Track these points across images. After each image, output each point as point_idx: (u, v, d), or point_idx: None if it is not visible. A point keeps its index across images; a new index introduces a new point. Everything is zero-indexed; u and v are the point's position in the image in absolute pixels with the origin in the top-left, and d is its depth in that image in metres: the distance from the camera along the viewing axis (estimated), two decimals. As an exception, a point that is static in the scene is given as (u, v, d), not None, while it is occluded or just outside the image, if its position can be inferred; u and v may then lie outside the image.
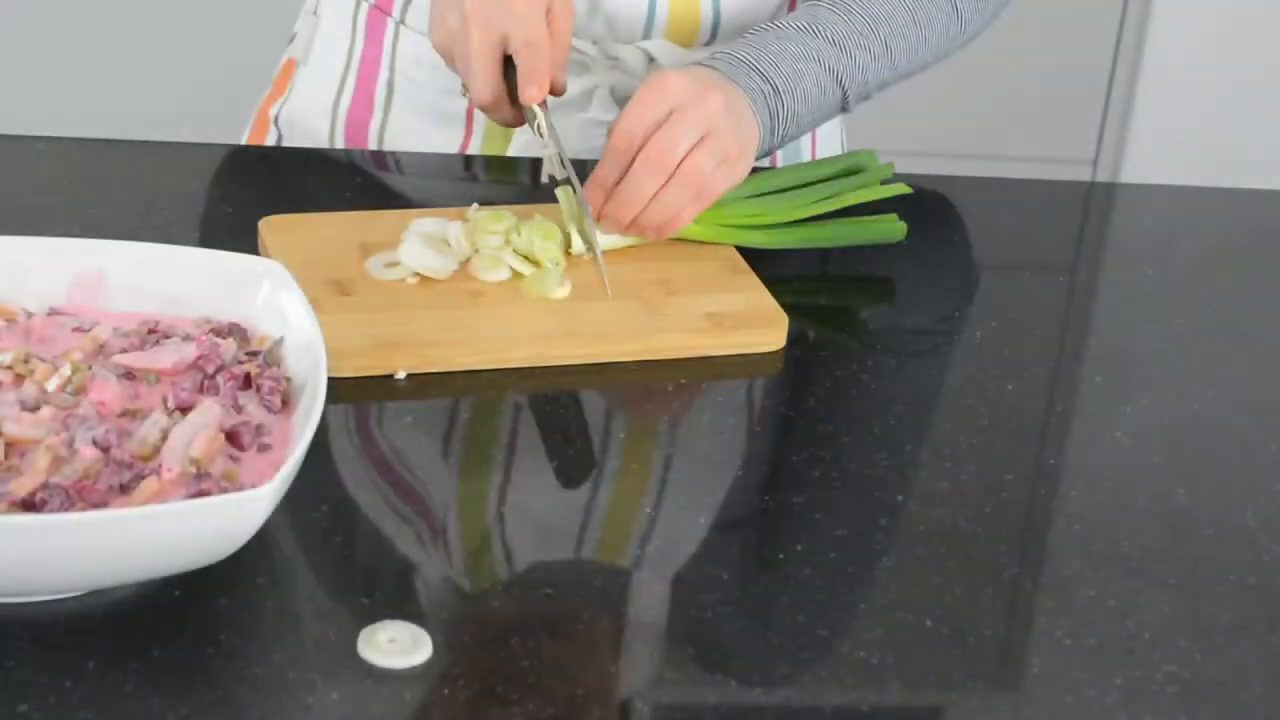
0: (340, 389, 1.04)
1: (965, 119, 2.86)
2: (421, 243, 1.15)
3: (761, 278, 1.19)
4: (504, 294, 1.15)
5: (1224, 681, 0.89)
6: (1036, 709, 0.87)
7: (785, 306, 1.16)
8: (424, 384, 1.07)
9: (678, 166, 1.16)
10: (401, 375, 1.07)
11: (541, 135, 1.19)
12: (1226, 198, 1.47)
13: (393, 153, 1.41)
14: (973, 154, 2.86)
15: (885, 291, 1.27)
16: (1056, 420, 1.12)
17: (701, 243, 1.21)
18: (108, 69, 2.74)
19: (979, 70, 2.73)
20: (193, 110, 2.46)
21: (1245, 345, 1.23)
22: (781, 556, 0.96)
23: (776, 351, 1.14)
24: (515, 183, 1.36)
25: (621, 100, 1.37)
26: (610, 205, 1.17)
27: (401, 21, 1.41)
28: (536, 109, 1.17)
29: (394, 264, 1.16)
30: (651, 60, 1.34)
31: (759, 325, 1.14)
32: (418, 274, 1.15)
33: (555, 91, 1.19)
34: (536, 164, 1.38)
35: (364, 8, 1.44)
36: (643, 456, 1.05)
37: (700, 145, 1.16)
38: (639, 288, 1.17)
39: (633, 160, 1.17)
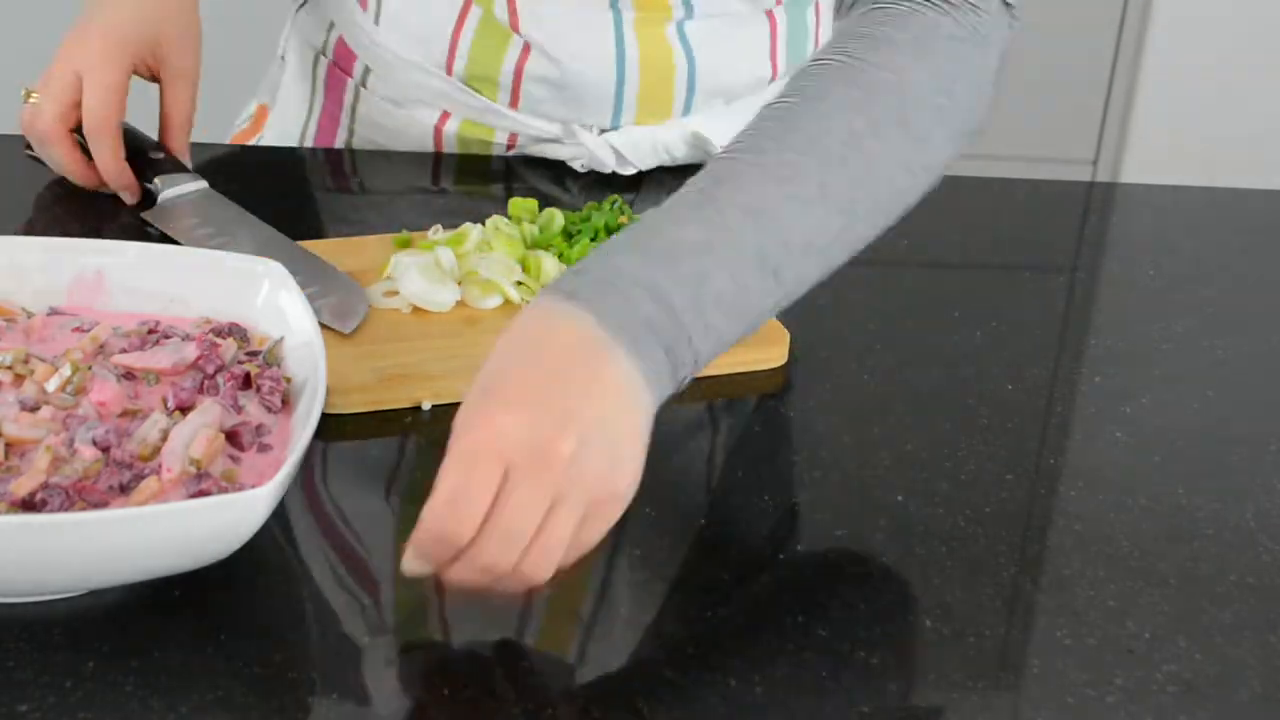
0: (343, 424, 1.03)
1: (965, 119, 2.85)
2: (419, 273, 1.13)
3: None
4: (501, 319, 1.13)
5: (1224, 681, 0.89)
6: (1036, 709, 0.87)
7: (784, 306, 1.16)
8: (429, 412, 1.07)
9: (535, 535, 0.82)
10: (427, 406, 1.05)
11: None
12: (1226, 198, 1.47)
13: (392, 153, 1.41)
14: (973, 154, 2.87)
15: (885, 292, 1.26)
16: (1056, 420, 1.12)
17: None
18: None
19: (979, 70, 2.73)
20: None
21: (1245, 345, 1.22)
22: (781, 556, 0.96)
23: (779, 367, 1.14)
24: (488, 196, 1.36)
25: (588, 169, 1.37)
26: (456, 572, 0.84)
27: (362, 84, 1.39)
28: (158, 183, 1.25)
29: (393, 293, 1.14)
30: (618, 155, 1.33)
31: (760, 343, 1.13)
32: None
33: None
34: (506, 169, 1.38)
35: (323, 61, 1.41)
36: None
37: (556, 506, 0.82)
38: None
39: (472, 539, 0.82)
